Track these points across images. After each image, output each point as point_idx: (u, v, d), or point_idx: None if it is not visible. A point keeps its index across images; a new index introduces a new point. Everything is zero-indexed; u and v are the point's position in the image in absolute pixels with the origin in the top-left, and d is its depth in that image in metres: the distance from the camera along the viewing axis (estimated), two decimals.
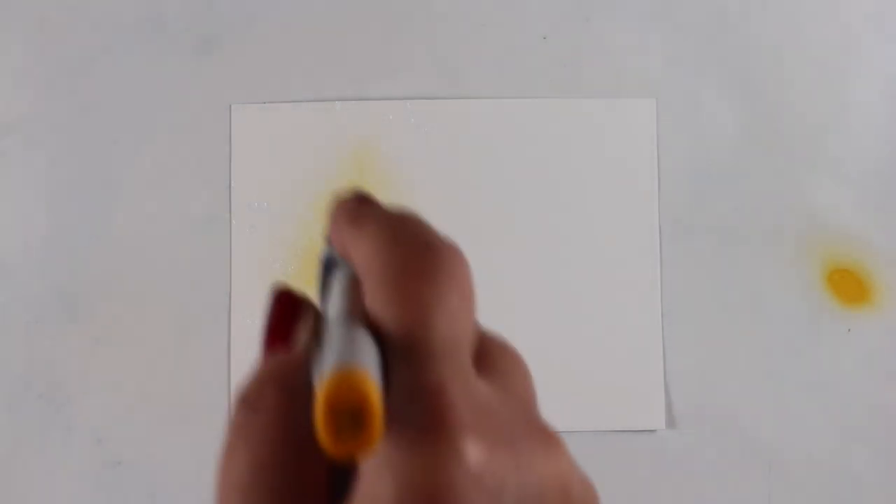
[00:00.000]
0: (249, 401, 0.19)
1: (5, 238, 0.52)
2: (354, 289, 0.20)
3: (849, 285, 0.52)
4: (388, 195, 0.52)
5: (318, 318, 0.21)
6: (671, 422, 0.51)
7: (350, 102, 0.52)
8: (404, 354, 0.17)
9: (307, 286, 0.22)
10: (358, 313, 0.19)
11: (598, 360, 0.51)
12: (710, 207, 0.53)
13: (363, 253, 0.19)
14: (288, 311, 0.21)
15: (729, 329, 0.52)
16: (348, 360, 0.16)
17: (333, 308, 0.20)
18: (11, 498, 0.50)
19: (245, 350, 0.51)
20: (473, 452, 0.16)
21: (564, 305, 0.51)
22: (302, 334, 0.21)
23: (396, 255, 0.18)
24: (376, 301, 0.18)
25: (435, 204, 0.52)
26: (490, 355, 0.20)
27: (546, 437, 0.19)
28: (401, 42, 0.53)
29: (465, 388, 0.17)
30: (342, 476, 0.18)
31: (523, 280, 0.52)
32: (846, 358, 0.52)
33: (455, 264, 0.19)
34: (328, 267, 0.23)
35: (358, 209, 0.21)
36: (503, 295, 0.51)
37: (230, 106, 0.52)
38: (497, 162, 0.52)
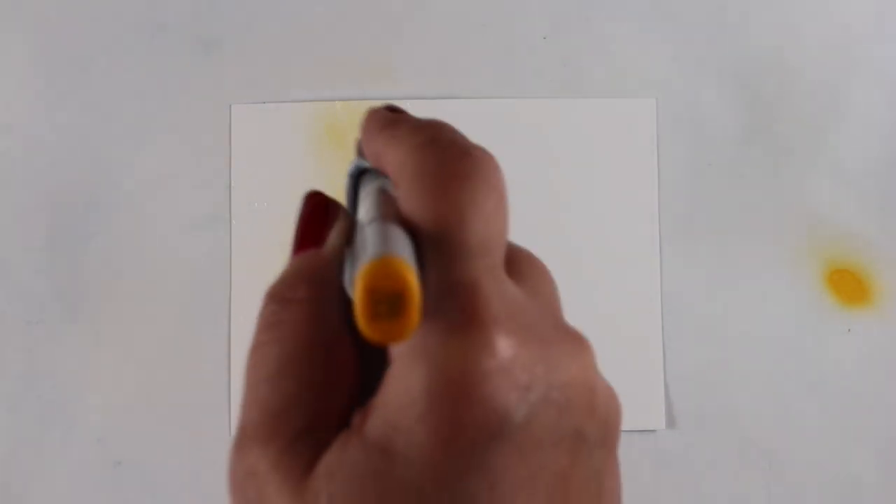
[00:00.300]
0: (280, 295, 0.19)
1: (5, 238, 0.52)
2: (387, 195, 0.20)
3: (849, 285, 0.52)
4: None
5: (349, 223, 0.21)
6: (671, 422, 0.51)
7: (350, 102, 0.52)
8: (439, 251, 0.18)
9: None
10: (391, 217, 0.19)
11: (598, 360, 0.51)
12: (710, 207, 0.53)
13: (398, 156, 0.19)
14: (319, 214, 0.22)
15: (729, 329, 0.52)
16: (387, 249, 0.16)
17: (365, 213, 0.20)
18: (11, 498, 0.50)
19: (245, 350, 0.51)
20: (504, 345, 0.17)
21: (564, 305, 0.51)
22: (333, 237, 0.21)
23: (433, 156, 0.18)
24: (411, 201, 0.18)
25: None
26: (520, 263, 0.20)
27: (574, 339, 0.19)
28: (400, 42, 0.53)
29: (497, 286, 0.18)
30: (372, 367, 0.18)
31: None
32: (846, 358, 0.52)
33: (490, 169, 0.19)
34: (357, 178, 0.23)
35: (391, 116, 0.21)
36: None
37: (230, 106, 0.52)
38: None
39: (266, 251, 0.52)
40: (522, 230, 0.54)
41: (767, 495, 0.51)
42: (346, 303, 0.19)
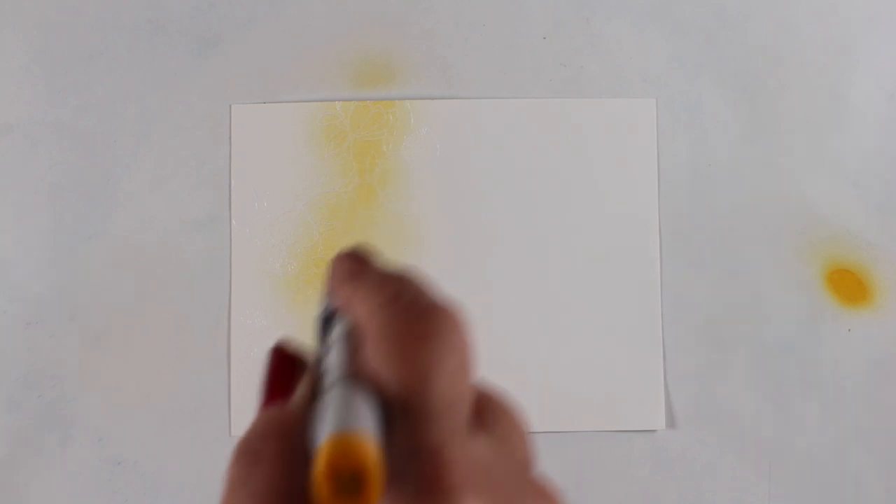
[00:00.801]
0: (250, 452, 0.19)
1: (5, 238, 0.52)
2: (353, 344, 0.20)
3: (849, 285, 0.52)
4: (389, 195, 0.52)
5: (316, 376, 0.21)
6: (671, 422, 0.51)
7: (350, 102, 0.52)
8: (403, 413, 0.18)
9: (307, 286, 0.22)
10: (357, 369, 0.19)
11: (598, 360, 0.51)
12: (710, 207, 0.53)
13: (363, 310, 0.20)
14: (286, 366, 0.22)
15: (729, 329, 0.52)
16: (347, 424, 0.16)
17: (333, 363, 0.20)
18: (11, 498, 0.50)
19: (245, 350, 0.51)
20: None
21: (564, 305, 0.51)
22: (300, 391, 0.21)
23: (396, 315, 0.19)
24: (376, 358, 0.18)
25: (435, 204, 0.52)
26: (489, 411, 0.20)
27: (543, 496, 0.19)
28: (400, 42, 0.53)
29: (462, 448, 0.18)
30: None
31: (523, 280, 0.52)
32: (846, 358, 0.52)
33: (454, 326, 0.19)
34: (327, 320, 0.23)
35: (357, 266, 0.21)
36: (503, 295, 0.51)
37: (230, 106, 0.52)
38: (497, 162, 0.52)
39: (266, 251, 0.52)
40: (523, 230, 0.55)
41: (767, 495, 0.51)
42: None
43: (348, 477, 0.15)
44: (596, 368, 0.51)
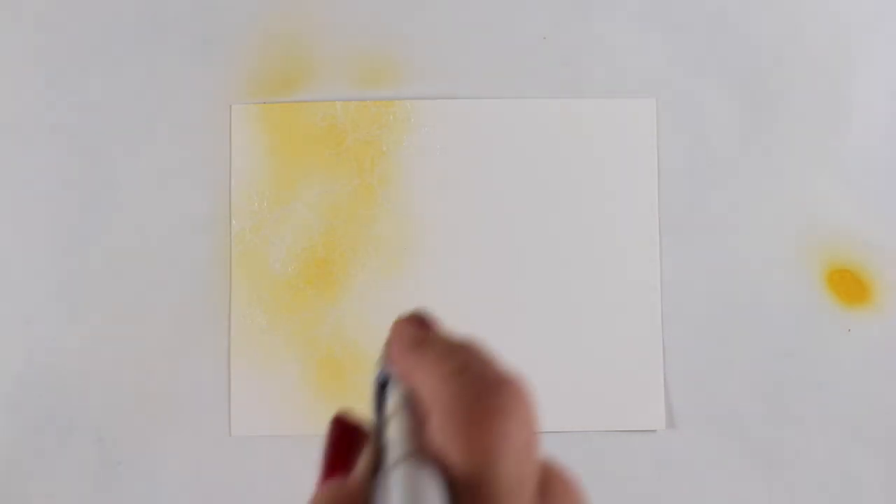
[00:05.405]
0: None
1: (5, 238, 0.52)
2: (416, 416, 0.19)
3: (849, 285, 0.52)
4: (389, 195, 0.52)
5: (377, 444, 0.20)
6: (671, 422, 0.51)
7: (350, 102, 0.52)
8: (470, 493, 0.17)
9: (307, 286, 0.22)
10: (421, 444, 0.18)
11: (598, 360, 0.51)
12: (710, 207, 0.53)
13: (428, 383, 0.19)
14: (347, 438, 0.21)
15: (729, 329, 0.52)
16: None
17: (395, 436, 0.19)
18: (11, 498, 0.50)
19: (245, 350, 0.51)
20: None
21: (564, 306, 0.51)
22: (361, 466, 0.20)
23: (464, 388, 0.18)
24: (442, 434, 0.18)
25: (435, 204, 0.52)
26: (551, 485, 0.19)
27: None
28: (401, 42, 0.53)
29: None
30: None
31: (523, 280, 0.52)
32: (846, 358, 0.52)
33: (522, 399, 0.18)
34: (382, 386, 0.22)
35: (420, 335, 0.21)
36: (503, 295, 0.51)
37: (230, 106, 0.52)
38: (497, 162, 0.52)
39: (266, 251, 0.52)
40: (523, 230, 0.55)
41: (767, 495, 0.51)
42: None
43: None
44: (596, 368, 0.51)
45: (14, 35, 0.53)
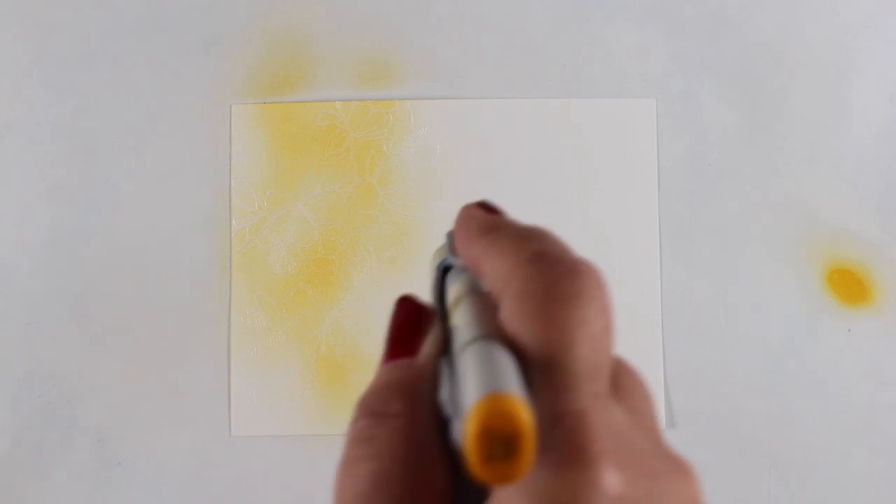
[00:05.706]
0: (372, 408, 0.18)
1: (5, 238, 0.52)
2: (485, 302, 0.19)
3: (849, 285, 0.52)
4: (389, 195, 0.52)
5: (443, 332, 0.20)
6: (671, 422, 0.51)
7: (350, 102, 0.52)
8: (546, 376, 0.17)
9: (307, 286, 0.21)
10: (491, 328, 0.18)
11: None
12: (710, 207, 0.53)
13: (501, 268, 0.18)
14: (412, 321, 0.21)
15: (729, 329, 0.52)
16: (499, 385, 0.15)
17: (463, 321, 0.19)
18: (11, 498, 0.50)
19: (245, 350, 0.51)
20: (613, 483, 0.16)
21: None
22: (427, 347, 0.20)
23: (540, 274, 0.18)
24: (516, 320, 0.17)
25: (435, 204, 0.52)
26: (620, 377, 0.19)
27: (680, 469, 0.18)
28: (401, 42, 0.53)
29: (605, 416, 0.17)
30: (465, 491, 0.17)
31: None
32: (846, 358, 0.52)
33: (600, 288, 0.18)
34: (444, 272, 0.22)
35: (491, 221, 0.20)
36: None
37: (230, 106, 0.52)
38: (497, 162, 0.52)
39: (266, 251, 0.52)
40: None
41: (767, 495, 0.51)
42: (441, 420, 0.18)
43: (503, 440, 0.15)
44: None
45: (14, 35, 0.53)
